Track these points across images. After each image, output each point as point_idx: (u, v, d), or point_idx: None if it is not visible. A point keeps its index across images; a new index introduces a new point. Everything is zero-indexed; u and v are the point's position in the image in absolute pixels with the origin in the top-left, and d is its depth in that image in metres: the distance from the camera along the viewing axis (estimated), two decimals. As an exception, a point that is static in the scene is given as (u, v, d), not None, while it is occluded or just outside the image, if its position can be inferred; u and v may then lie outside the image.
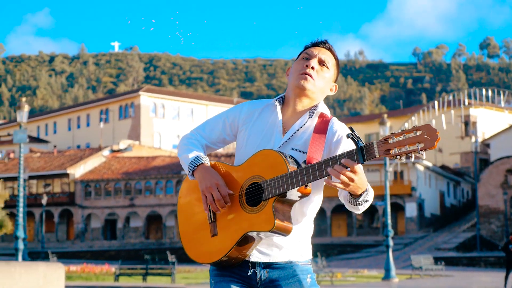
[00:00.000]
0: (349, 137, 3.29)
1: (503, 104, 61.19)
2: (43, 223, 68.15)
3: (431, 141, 3.11)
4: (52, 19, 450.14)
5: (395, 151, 3.19)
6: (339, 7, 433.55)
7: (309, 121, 3.69)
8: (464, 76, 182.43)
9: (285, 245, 3.64)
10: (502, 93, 55.09)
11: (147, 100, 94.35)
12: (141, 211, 74.92)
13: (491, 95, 60.32)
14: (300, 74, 3.71)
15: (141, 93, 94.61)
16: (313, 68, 3.70)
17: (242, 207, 3.54)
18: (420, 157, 3.26)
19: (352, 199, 3.44)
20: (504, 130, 75.46)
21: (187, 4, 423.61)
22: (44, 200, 66.31)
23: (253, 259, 3.64)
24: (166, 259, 42.18)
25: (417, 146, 3.14)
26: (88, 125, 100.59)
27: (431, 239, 64.86)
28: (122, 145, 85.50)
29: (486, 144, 78.17)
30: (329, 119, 3.70)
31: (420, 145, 3.14)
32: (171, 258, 38.17)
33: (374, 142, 3.24)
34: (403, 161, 3.20)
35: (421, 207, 70.59)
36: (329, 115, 3.74)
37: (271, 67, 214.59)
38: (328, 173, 3.32)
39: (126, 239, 75.62)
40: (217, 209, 3.55)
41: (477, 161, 66.99)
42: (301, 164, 3.51)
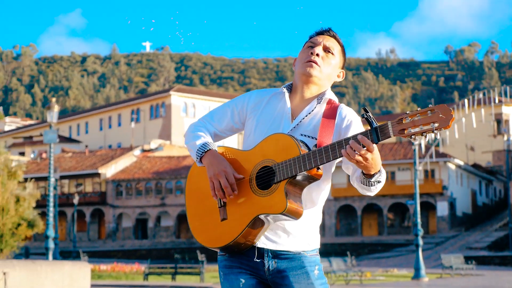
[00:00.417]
0: (363, 117, 3.29)
1: (535, 102, 60.58)
2: (74, 223, 68.62)
3: (445, 121, 3.12)
4: (84, 19, 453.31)
5: (410, 131, 3.19)
6: (371, 6, 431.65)
7: (317, 107, 3.70)
8: (496, 74, 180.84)
9: (293, 231, 3.63)
10: (534, 90, 54.51)
11: (177, 99, 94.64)
12: (172, 210, 75.17)
13: (523, 93, 59.70)
14: (305, 62, 3.73)
15: (171, 93, 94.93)
16: (318, 55, 3.72)
17: (253, 190, 3.53)
18: (435, 136, 3.26)
19: (365, 179, 3.42)
20: (536, 128, 74.70)
21: (215, 3, 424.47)
22: (76, 200, 66.73)
23: (260, 245, 3.63)
24: (196, 258, 42.34)
25: (431, 125, 3.15)
26: (119, 125, 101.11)
27: (463, 238, 64.34)
28: (153, 144, 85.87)
29: (518, 142, 77.45)
30: (337, 105, 3.71)
31: (434, 124, 3.14)
32: (201, 257, 38.25)
33: (389, 122, 3.23)
34: (417, 141, 3.21)
35: (452, 206, 70.07)
36: (337, 101, 3.75)
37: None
38: (342, 154, 3.32)
39: (157, 238, 75.91)
40: (223, 196, 3.56)
41: (510, 159, 66.28)
42: (312, 148, 3.51)
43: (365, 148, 3.24)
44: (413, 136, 3.19)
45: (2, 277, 9.81)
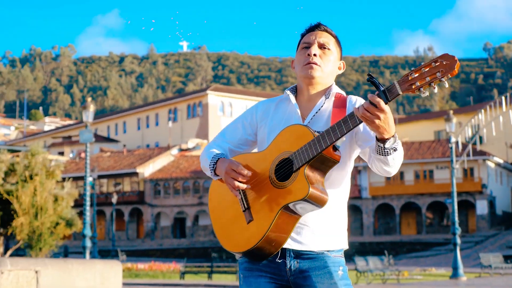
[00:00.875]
0: (369, 81, 3.27)
1: None
2: (113, 222, 69.08)
3: (450, 66, 3.12)
4: (122, 20, 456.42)
5: (417, 84, 3.18)
6: (409, 4, 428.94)
7: (326, 102, 3.70)
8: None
9: (317, 230, 3.59)
10: None
11: (214, 99, 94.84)
12: (210, 209, 75.24)
13: None
14: (304, 65, 3.71)
15: (208, 92, 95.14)
16: (316, 55, 3.69)
17: (274, 185, 3.50)
18: (443, 85, 3.21)
19: (380, 147, 3.35)
20: None
21: (253, 3, 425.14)
22: (114, 199, 67.20)
23: (285, 245, 3.56)
24: (233, 257, 42.38)
25: (437, 75, 3.15)
26: (157, 124, 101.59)
27: (503, 237, 63.62)
28: (191, 144, 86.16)
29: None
30: (346, 97, 3.72)
31: (439, 73, 3.14)
32: (238, 256, 38.24)
33: (395, 81, 3.24)
34: (426, 94, 3.18)
35: (492, 204, 69.37)
36: (344, 94, 3.74)
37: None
38: (354, 124, 3.33)
39: (195, 237, 76.13)
40: (244, 186, 3.52)
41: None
42: None
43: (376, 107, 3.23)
44: (421, 89, 3.18)
45: (34, 276, 9.86)
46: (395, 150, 3.35)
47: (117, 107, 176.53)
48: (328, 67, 3.72)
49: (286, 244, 3.57)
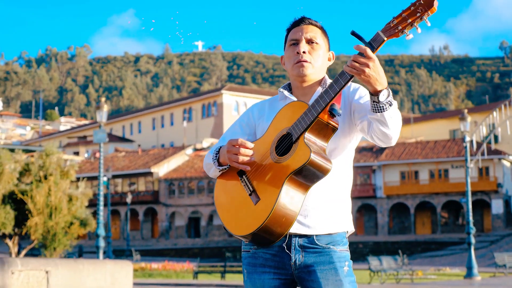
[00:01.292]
0: (352, 34, 3.29)
1: None
2: (128, 221, 69.25)
3: (428, 4, 3.15)
4: (137, 20, 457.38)
5: (399, 28, 3.23)
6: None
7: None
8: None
9: (323, 212, 3.57)
10: None
11: (229, 98, 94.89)
12: (224, 209, 75.26)
13: None
14: (295, 63, 3.71)
15: (223, 91, 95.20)
16: (305, 52, 3.69)
17: (276, 161, 3.48)
18: (426, 23, 3.23)
19: (375, 102, 3.32)
20: None
21: (265, 3, 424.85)
22: (129, 199, 67.34)
23: (292, 230, 3.54)
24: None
25: (417, 14, 3.19)
26: (172, 124, 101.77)
27: (518, 237, 63.35)
28: (205, 143, 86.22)
29: None
30: None
31: (419, 13, 3.18)
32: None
33: (378, 31, 3.28)
34: (411, 36, 3.23)
35: (508, 203, 69.02)
36: None
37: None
38: (345, 81, 3.34)
39: (210, 237, 76.18)
40: (249, 158, 3.50)
41: None
42: None
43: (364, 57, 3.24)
44: (404, 31, 3.22)
45: (44, 276, 9.90)
46: (390, 104, 3.31)
47: (132, 107, 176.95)
48: (318, 62, 3.72)
49: (294, 228, 3.54)
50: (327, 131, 3.45)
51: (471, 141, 37.90)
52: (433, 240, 66.75)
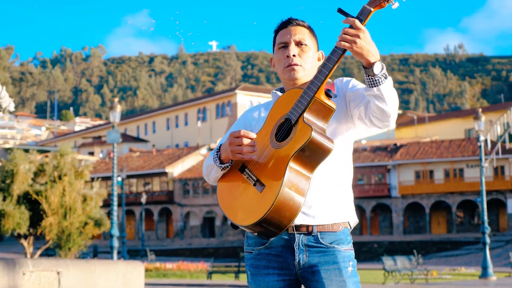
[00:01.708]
0: (339, 12, 3.31)
1: None
2: (143, 221, 69.38)
3: None
4: (151, 20, 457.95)
5: None
6: (439, 2, 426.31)
7: None
8: None
9: (327, 203, 3.55)
10: None
11: (243, 98, 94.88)
12: (239, 209, 75.27)
13: None
14: (285, 67, 3.70)
15: (237, 91, 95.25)
16: (294, 56, 3.67)
17: (277, 147, 3.45)
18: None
19: (370, 76, 3.31)
20: None
21: (279, 3, 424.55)
22: (144, 199, 67.43)
23: (297, 221, 3.51)
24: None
25: None
26: (186, 124, 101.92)
27: (535, 236, 63.02)
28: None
29: None
30: (332, 82, 3.73)
31: None
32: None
33: (364, 4, 3.32)
34: (397, 5, 3.26)
35: (523, 203, 68.68)
36: (330, 80, 3.73)
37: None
38: (337, 56, 3.35)
39: (225, 236, 76.18)
40: (250, 149, 3.45)
41: None
42: None
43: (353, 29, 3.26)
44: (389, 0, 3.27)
45: (56, 277, 9.89)
46: (385, 77, 3.30)
47: (146, 107, 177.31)
48: (309, 64, 3.70)
49: (298, 219, 3.51)
50: (325, 111, 3.42)
51: (486, 140, 37.70)
52: (448, 239, 66.52)
